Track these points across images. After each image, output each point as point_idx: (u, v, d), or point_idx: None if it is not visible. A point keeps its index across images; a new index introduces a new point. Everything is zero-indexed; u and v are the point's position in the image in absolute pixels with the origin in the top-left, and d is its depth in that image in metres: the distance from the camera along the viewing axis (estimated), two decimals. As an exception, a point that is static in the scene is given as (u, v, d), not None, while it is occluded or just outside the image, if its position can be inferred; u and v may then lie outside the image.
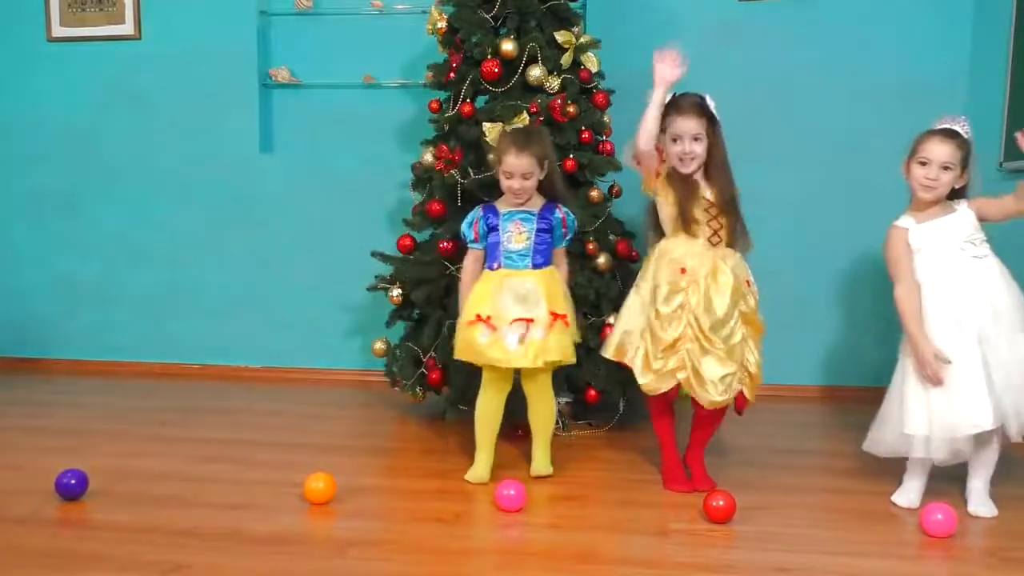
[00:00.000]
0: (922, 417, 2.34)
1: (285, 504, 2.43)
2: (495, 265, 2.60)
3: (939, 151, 2.39)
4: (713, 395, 2.46)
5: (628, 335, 2.58)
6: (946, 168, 2.38)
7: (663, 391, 2.52)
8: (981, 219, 2.43)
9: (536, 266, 2.60)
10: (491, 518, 2.36)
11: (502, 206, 2.65)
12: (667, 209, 2.55)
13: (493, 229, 2.63)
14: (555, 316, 2.55)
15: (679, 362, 2.48)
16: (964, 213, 2.42)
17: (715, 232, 2.52)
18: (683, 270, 2.49)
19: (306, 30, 4.03)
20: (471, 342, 2.55)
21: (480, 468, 2.63)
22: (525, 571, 2.04)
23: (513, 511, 2.37)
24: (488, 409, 2.63)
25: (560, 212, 2.65)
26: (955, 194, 2.45)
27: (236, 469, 2.74)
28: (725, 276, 2.48)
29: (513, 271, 2.58)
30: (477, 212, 2.67)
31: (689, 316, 2.47)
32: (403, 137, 3.94)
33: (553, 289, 2.59)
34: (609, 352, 2.62)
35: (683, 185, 2.51)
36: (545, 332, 2.53)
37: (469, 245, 2.69)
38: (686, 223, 2.51)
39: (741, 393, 2.51)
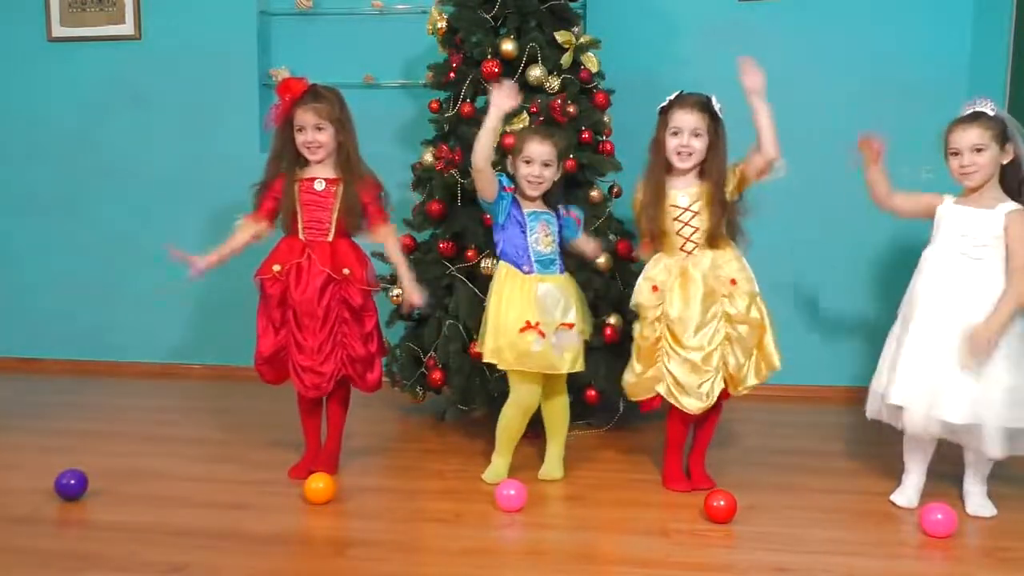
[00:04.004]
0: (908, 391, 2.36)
1: (285, 504, 2.44)
2: (526, 268, 2.55)
3: (965, 137, 2.38)
4: (697, 402, 2.48)
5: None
6: (979, 150, 2.36)
7: (640, 399, 2.57)
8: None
9: (562, 271, 2.62)
10: (491, 518, 2.36)
11: (523, 206, 2.60)
12: (642, 222, 2.56)
13: (517, 220, 2.56)
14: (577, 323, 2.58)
15: (656, 372, 2.51)
16: (996, 216, 2.36)
17: (688, 239, 2.51)
18: (655, 288, 2.52)
19: (306, 30, 4.03)
20: (524, 351, 2.49)
21: (500, 468, 2.64)
22: (525, 571, 2.04)
23: (513, 511, 2.38)
24: (520, 421, 2.60)
25: (565, 212, 2.63)
26: (1012, 176, 2.40)
27: (236, 469, 2.74)
28: (695, 284, 2.47)
29: (545, 276, 2.56)
30: (507, 198, 2.56)
31: (662, 327, 2.50)
32: (403, 137, 3.93)
33: (577, 295, 2.61)
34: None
35: (651, 193, 2.50)
36: (578, 338, 2.56)
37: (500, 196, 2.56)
38: (656, 237, 2.52)
39: (724, 389, 2.52)
